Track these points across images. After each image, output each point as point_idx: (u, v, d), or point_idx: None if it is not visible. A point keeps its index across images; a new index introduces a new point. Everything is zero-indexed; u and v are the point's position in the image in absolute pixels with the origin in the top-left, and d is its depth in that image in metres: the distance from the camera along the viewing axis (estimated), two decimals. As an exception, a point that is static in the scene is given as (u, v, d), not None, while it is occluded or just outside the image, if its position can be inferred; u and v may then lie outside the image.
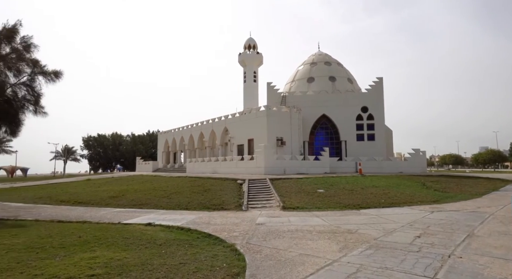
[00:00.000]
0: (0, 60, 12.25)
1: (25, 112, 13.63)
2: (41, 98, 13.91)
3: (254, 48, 39.20)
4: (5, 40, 12.49)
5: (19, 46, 12.84)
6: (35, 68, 13.18)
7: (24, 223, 9.63)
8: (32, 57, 13.09)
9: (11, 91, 13.17)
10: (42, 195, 17.62)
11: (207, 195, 14.88)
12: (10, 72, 12.84)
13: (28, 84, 13.41)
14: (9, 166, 58.47)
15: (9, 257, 5.58)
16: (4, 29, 12.43)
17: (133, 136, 71.63)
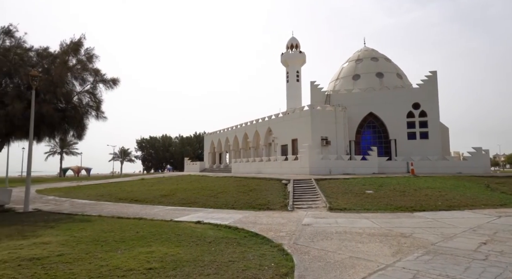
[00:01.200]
0: (68, 71, 13.70)
1: (88, 117, 15.05)
2: (102, 104, 15.25)
3: (297, 47, 38.86)
4: (72, 53, 13.95)
5: (83, 57, 14.25)
6: (96, 76, 14.50)
7: (90, 218, 10.60)
8: (94, 67, 14.44)
9: (77, 99, 14.62)
10: (103, 193, 19.25)
11: (252, 194, 15.08)
12: (76, 81, 14.31)
13: (91, 91, 14.79)
14: (76, 166, 64.79)
15: (79, 249, 6.19)
16: (71, 43, 13.89)
17: (181, 138, 75.15)
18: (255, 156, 33.09)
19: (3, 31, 12.80)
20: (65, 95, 13.89)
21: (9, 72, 12.62)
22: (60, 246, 6.39)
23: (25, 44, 13.40)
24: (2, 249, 6.12)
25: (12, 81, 12.99)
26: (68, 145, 59.65)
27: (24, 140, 14.58)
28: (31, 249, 6.08)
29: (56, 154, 62.07)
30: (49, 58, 13.81)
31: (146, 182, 24.86)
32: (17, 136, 13.80)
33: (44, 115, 13.00)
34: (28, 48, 13.48)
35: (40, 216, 11.16)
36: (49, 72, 13.52)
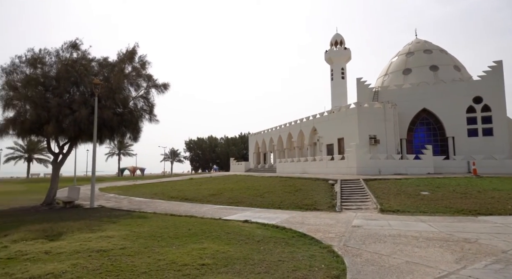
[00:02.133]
0: (124, 78, 14.82)
1: (142, 120, 16.10)
2: (154, 108, 16.23)
3: (341, 43, 37.70)
4: (127, 61, 15.07)
5: (137, 64, 15.32)
6: (149, 82, 15.49)
7: (146, 214, 11.34)
8: (147, 73, 15.44)
9: (133, 104, 15.73)
10: (156, 192, 20.47)
11: (298, 194, 14.95)
12: (131, 87, 15.41)
13: (144, 96, 15.83)
14: (131, 166, 69.72)
15: (139, 243, 6.66)
16: (127, 52, 15.02)
17: (226, 139, 77.04)
18: (299, 156, 32.76)
19: (70, 45, 14.30)
20: (122, 100, 15.05)
21: (76, 82, 14.04)
22: (122, 240, 6.93)
23: (89, 55, 14.83)
24: (74, 241, 6.81)
25: (78, 89, 14.42)
26: (125, 147, 64.42)
27: (88, 143, 16.05)
28: (98, 242, 6.68)
29: (115, 155, 67.42)
30: (108, 67, 15.08)
31: (195, 182, 25.91)
32: (83, 139, 15.26)
33: (105, 119, 14.21)
34: (91, 59, 14.87)
35: (103, 212, 12.21)
36: (109, 80, 14.75)
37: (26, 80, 13.23)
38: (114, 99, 14.63)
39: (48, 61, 14.06)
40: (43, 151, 56.07)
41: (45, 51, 14.06)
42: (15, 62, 13.50)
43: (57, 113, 13.01)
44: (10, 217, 11.10)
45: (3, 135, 13.50)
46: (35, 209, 13.47)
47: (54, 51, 14.19)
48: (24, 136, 14.62)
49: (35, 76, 13.51)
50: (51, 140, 14.96)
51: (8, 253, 5.90)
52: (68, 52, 14.34)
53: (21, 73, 13.54)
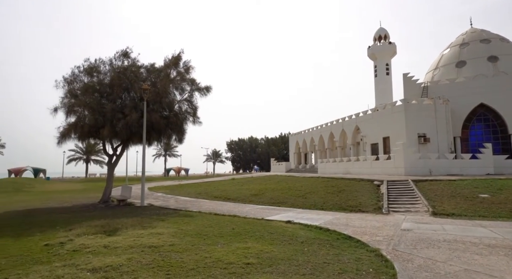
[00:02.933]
0: (170, 82, 15.59)
1: (187, 123, 16.77)
2: (198, 110, 16.83)
3: (386, 38, 35.96)
4: (173, 66, 15.83)
5: (182, 69, 16.03)
6: (192, 85, 16.12)
7: (191, 213, 11.80)
8: (191, 77, 16.08)
9: (178, 107, 16.47)
10: (200, 191, 21.19)
11: (342, 195, 14.55)
12: (176, 91, 16.16)
13: (188, 99, 16.49)
14: (176, 167, 72.94)
15: (186, 241, 6.95)
16: (172, 58, 15.78)
17: (267, 139, 77.39)
18: (342, 156, 31.85)
19: (122, 54, 15.41)
20: (168, 104, 15.83)
21: (127, 88, 15.07)
22: (171, 237, 7.28)
23: (138, 62, 15.84)
24: (128, 236, 7.30)
25: (129, 94, 15.46)
26: (170, 148, 67.58)
27: (138, 144, 17.09)
28: (150, 238, 7.09)
29: (161, 156, 70.99)
30: (155, 73, 15.96)
31: (237, 182, 26.36)
32: (134, 142, 16.31)
33: (153, 122, 15.05)
34: (140, 66, 15.87)
35: (153, 210, 12.93)
36: (156, 85, 15.60)
37: (85, 88, 14.52)
38: (161, 103, 15.44)
39: (102, 69, 15.29)
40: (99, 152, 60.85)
41: (100, 60, 15.32)
42: (75, 72, 14.90)
43: (111, 117, 14.09)
44: (74, 213, 12.21)
45: (67, 139, 14.94)
46: (93, 206, 14.68)
47: (108, 60, 15.42)
48: (84, 139, 16.02)
49: (92, 84, 14.77)
50: (106, 142, 16.20)
51: (73, 245, 6.50)
52: (120, 60, 15.48)
53: (80, 82, 14.89)
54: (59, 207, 14.30)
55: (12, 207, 14.35)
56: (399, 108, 24.14)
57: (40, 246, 6.56)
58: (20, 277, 4.63)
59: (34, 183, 32.64)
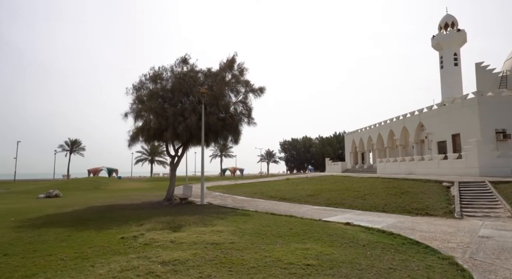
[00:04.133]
0: (225, 85, 16.16)
1: (242, 124, 17.18)
2: (252, 112, 17.14)
3: (453, 25, 32.67)
4: (228, 69, 16.39)
5: (236, 72, 16.50)
6: (247, 87, 16.48)
7: (248, 212, 12.05)
8: (245, 79, 16.46)
9: (233, 108, 16.98)
10: (256, 191, 21.55)
11: (405, 197, 13.60)
12: (231, 93, 16.68)
13: (243, 101, 16.90)
14: (232, 167, 75.28)
15: (245, 239, 7.12)
16: (227, 61, 16.35)
17: (321, 138, 75.72)
18: (404, 155, 29.75)
19: (181, 60, 16.44)
20: (224, 106, 16.41)
21: (187, 92, 16.01)
22: (231, 235, 7.52)
23: (196, 67, 16.72)
24: (192, 233, 7.73)
25: (188, 99, 16.40)
26: (226, 149, 69.93)
27: (197, 146, 18.00)
28: (211, 235, 7.41)
29: (217, 156, 73.80)
30: (211, 77, 16.68)
31: (291, 182, 26.25)
32: (193, 143, 17.24)
33: (210, 124, 15.74)
34: (198, 71, 16.73)
35: (212, 208, 13.51)
36: (212, 88, 16.29)
37: (150, 94, 15.80)
38: (218, 105, 16.07)
39: (165, 76, 16.45)
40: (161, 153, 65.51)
41: (162, 68, 16.52)
42: (142, 80, 16.29)
43: (173, 121, 15.10)
44: (142, 209, 13.32)
45: (135, 141, 16.41)
46: (158, 203, 15.84)
47: (169, 67, 16.56)
48: (149, 142, 17.39)
49: (156, 90, 15.99)
50: (169, 144, 17.38)
51: (144, 239, 7.09)
52: (179, 67, 16.52)
53: (146, 89, 16.24)
54: (130, 204, 15.71)
55: (93, 203, 16.16)
56: (471, 102, 21.74)
57: (117, 239, 7.28)
58: (103, 265, 5.19)
59: (109, 182, 36.35)
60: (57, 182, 38.02)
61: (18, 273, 4.95)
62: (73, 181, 37.60)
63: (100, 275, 4.72)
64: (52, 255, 6.01)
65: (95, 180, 38.49)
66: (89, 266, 5.19)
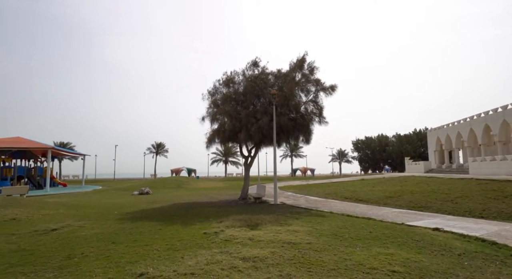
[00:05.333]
0: (295, 85, 16.13)
1: (313, 123, 16.92)
2: (323, 111, 16.75)
3: None
4: (298, 69, 16.34)
5: (306, 71, 16.34)
6: (317, 86, 16.18)
7: (323, 213, 11.80)
8: (315, 78, 16.18)
9: (303, 108, 16.83)
10: (329, 192, 20.98)
11: (510, 202, 11.70)
12: (302, 93, 16.56)
13: (313, 100, 16.64)
14: (302, 167, 74.67)
15: (322, 240, 6.99)
16: (297, 61, 16.31)
17: (398, 136, 70.05)
18: (504, 153, 25.65)
19: (252, 64, 16.98)
20: (295, 106, 16.39)
21: (258, 94, 16.45)
22: (307, 235, 7.47)
23: (266, 70, 17.06)
24: (268, 232, 7.90)
25: (259, 100, 16.83)
26: (296, 149, 69.79)
27: (269, 146, 18.33)
28: (287, 235, 7.47)
29: (288, 156, 74.07)
30: (281, 78, 16.82)
31: (367, 182, 24.86)
32: (265, 144, 17.60)
33: (282, 125, 15.87)
34: (268, 73, 17.05)
35: (285, 208, 13.60)
36: (282, 89, 16.41)
37: (224, 98, 16.68)
38: (288, 106, 16.13)
39: (237, 80, 17.18)
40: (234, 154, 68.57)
41: (234, 72, 17.28)
42: (216, 85, 17.30)
43: (246, 122, 15.66)
44: (220, 207, 14.12)
45: (212, 143, 17.50)
46: (234, 202, 16.59)
47: (241, 71, 17.23)
48: (224, 143, 18.34)
49: (229, 94, 16.80)
50: (242, 145, 18.07)
51: (225, 236, 7.50)
52: (251, 70, 17.07)
53: (220, 93, 17.19)
54: (209, 202, 16.80)
55: (177, 200, 17.74)
56: None
57: (201, 234, 7.85)
58: (191, 258, 5.67)
59: (189, 181, 39.45)
60: (147, 181, 42.75)
61: (124, 259, 5.72)
62: (159, 180, 41.84)
63: (189, 266, 5.16)
64: (148, 245, 6.78)
65: (178, 179, 42.15)
66: (179, 257, 5.72)
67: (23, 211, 12.24)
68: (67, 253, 6.27)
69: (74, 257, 5.95)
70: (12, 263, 5.62)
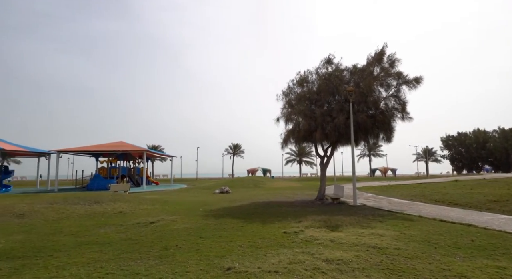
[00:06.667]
0: (374, 80, 15.16)
1: (395, 119, 15.68)
2: (406, 105, 15.38)
3: None
4: (376, 63, 15.34)
5: (386, 64, 15.22)
6: (399, 79, 14.93)
7: (410, 217, 10.80)
8: (396, 71, 14.96)
9: (383, 104, 15.72)
10: (415, 193, 19.12)
11: None
12: (381, 88, 15.49)
13: (395, 95, 15.41)
14: (382, 167, 69.71)
15: (413, 246, 6.41)
16: (375, 54, 15.34)
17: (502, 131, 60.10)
18: None
19: (326, 61, 16.56)
20: (373, 102, 15.41)
21: (333, 92, 15.96)
22: (394, 240, 6.94)
23: (341, 66, 16.45)
24: (350, 234, 7.59)
25: (334, 98, 16.29)
26: (374, 148, 65.57)
27: (345, 145, 17.61)
28: (371, 239, 7.06)
29: (365, 156, 70.05)
30: (358, 73, 16.00)
31: (462, 184, 21.96)
32: (342, 143, 16.96)
33: (359, 123, 15.09)
34: (343, 69, 16.42)
35: (366, 210, 12.87)
36: (359, 85, 15.59)
37: (298, 98, 16.62)
38: (366, 102, 15.26)
39: (310, 79, 16.95)
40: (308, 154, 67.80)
41: (307, 71, 17.09)
42: (290, 85, 17.35)
43: (321, 121, 15.33)
44: (297, 207, 14.10)
45: (287, 143, 17.61)
46: (311, 202, 16.38)
47: (314, 70, 16.94)
48: (299, 143, 18.26)
49: (303, 93, 16.67)
50: (318, 144, 17.74)
51: (305, 236, 7.47)
52: (324, 67, 16.66)
53: (293, 93, 17.19)
54: (285, 201, 16.92)
55: (255, 199, 18.32)
56: None
57: (281, 233, 7.96)
58: (273, 256, 5.79)
59: (265, 181, 40.39)
60: (225, 180, 45.23)
61: (212, 253, 6.15)
62: (237, 179, 43.82)
63: (272, 264, 5.28)
64: (232, 241, 7.16)
65: (254, 178, 43.55)
66: (262, 255, 5.90)
67: (127, 205, 14.15)
68: (164, 244, 7.02)
69: (170, 248, 6.63)
70: (122, 250, 6.55)
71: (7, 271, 5.23)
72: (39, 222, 10.73)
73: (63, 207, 13.16)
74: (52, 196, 15.66)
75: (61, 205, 13.42)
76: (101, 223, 10.19)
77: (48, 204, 13.44)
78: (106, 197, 15.38)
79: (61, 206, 13.23)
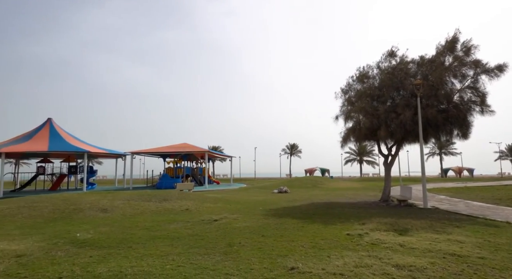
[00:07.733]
0: (445, 71, 13.77)
1: (472, 113, 14.05)
2: (486, 97, 13.68)
3: None
4: (448, 52, 13.91)
5: (459, 53, 13.70)
6: (477, 68, 13.34)
7: (495, 223, 9.55)
8: (473, 59, 13.38)
9: (457, 97, 14.19)
10: (500, 196, 16.89)
11: None
12: (455, 79, 14.00)
13: (471, 86, 13.81)
14: (456, 167, 62.95)
15: (502, 256, 5.65)
16: (446, 43, 13.93)
17: None
18: None
19: (388, 54, 15.50)
20: (445, 96, 14.00)
21: (397, 87, 14.88)
22: (476, 248, 6.22)
23: (406, 58, 15.27)
24: (422, 239, 7.00)
25: (399, 93, 15.18)
26: (446, 145, 59.57)
27: (412, 143, 16.29)
28: (448, 245, 6.42)
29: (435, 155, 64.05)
30: (426, 65, 14.68)
31: (562, 187, 18.71)
32: (408, 141, 15.72)
33: (429, 118, 13.83)
34: (408, 62, 15.21)
35: (439, 213, 11.74)
36: (427, 77, 14.30)
37: (358, 95, 15.87)
38: (436, 96, 13.94)
39: (371, 74, 16.07)
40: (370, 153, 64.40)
41: (368, 66, 16.22)
42: (349, 82, 16.66)
43: (385, 118, 14.40)
44: (360, 208, 13.47)
45: (347, 142, 16.94)
46: (375, 204, 15.50)
47: (375, 64, 16.01)
48: (360, 142, 17.44)
49: (364, 89, 15.85)
50: (381, 143, 16.72)
51: (370, 239, 7.10)
52: (387, 61, 15.64)
53: (353, 90, 16.46)
54: (347, 202, 16.29)
55: (315, 199, 18.01)
56: None
57: (344, 235, 7.69)
58: (338, 258, 5.61)
59: (324, 181, 39.41)
60: (283, 180, 45.23)
61: (274, 252, 6.20)
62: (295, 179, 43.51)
63: (337, 266, 5.12)
64: (294, 241, 7.12)
65: (312, 178, 42.79)
66: (325, 256, 5.76)
67: (192, 203, 15.02)
68: (228, 241, 7.28)
69: (233, 245, 6.86)
70: (190, 245, 6.97)
71: (96, 258, 5.94)
72: (119, 216, 11.98)
73: (138, 203, 14.49)
74: (128, 193, 17.36)
75: (136, 202, 14.79)
76: (170, 219, 10.98)
77: (125, 201, 14.92)
78: (174, 195, 16.52)
79: (136, 203, 14.59)
